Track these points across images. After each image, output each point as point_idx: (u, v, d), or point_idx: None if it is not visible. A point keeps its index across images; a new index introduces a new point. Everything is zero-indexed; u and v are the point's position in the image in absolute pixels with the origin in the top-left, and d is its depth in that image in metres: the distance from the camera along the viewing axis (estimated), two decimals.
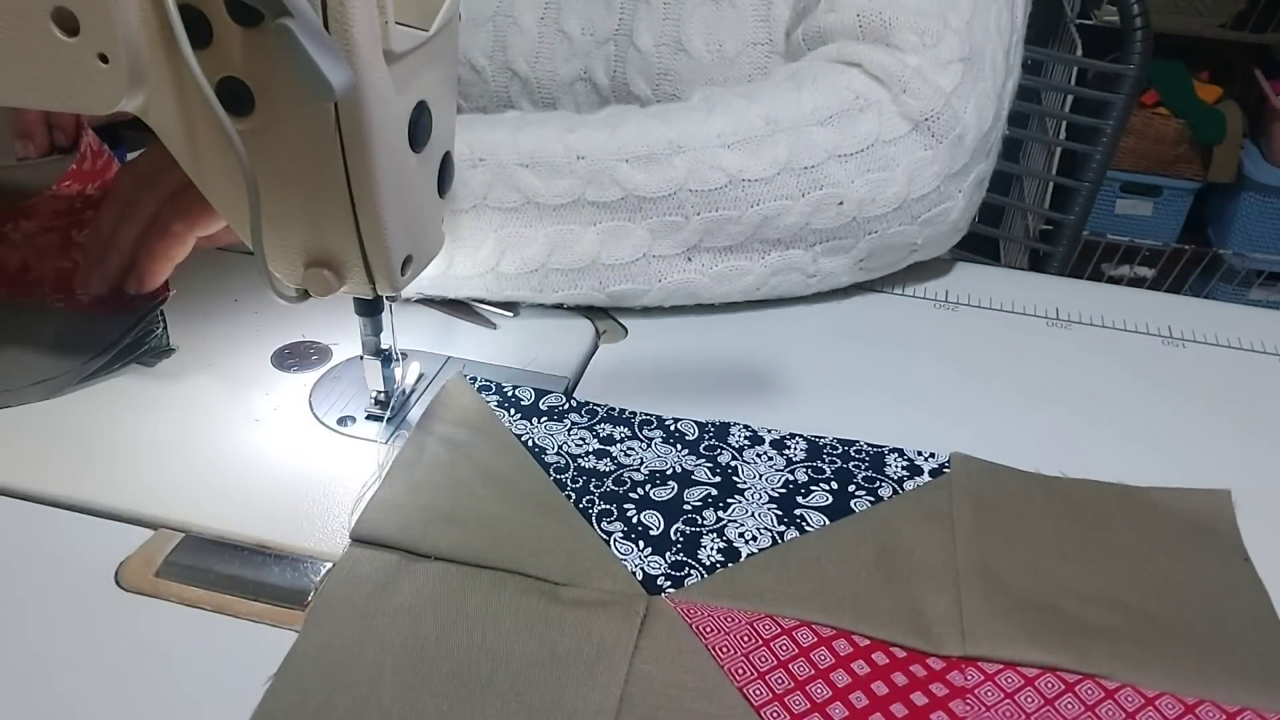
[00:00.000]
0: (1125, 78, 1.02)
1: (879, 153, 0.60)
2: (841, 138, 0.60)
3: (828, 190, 0.60)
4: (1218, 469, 0.55)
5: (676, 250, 0.61)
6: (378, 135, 0.42)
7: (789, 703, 0.41)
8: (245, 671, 0.41)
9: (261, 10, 0.37)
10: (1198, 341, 0.66)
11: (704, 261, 0.62)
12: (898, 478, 0.52)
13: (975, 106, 0.62)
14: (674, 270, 0.62)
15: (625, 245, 0.60)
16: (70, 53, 0.39)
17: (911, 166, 0.61)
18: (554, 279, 0.62)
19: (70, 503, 0.49)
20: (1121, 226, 2.02)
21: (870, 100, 0.60)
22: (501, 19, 0.76)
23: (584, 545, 0.48)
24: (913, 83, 0.60)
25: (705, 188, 0.59)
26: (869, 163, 0.60)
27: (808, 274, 0.64)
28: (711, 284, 0.63)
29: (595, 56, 0.74)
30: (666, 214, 0.60)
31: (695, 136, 0.60)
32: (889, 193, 0.61)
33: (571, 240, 0.60)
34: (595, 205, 0.59)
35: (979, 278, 0.72)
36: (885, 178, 0.61)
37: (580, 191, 0.59)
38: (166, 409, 0.55)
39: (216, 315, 0.62)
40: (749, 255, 0.62)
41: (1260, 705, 0.42)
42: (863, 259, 0.64)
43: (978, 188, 0.66)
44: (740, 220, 0.60)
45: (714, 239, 0.61)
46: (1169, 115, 1.94)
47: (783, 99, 0.61)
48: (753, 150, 0.59)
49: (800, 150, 0.60)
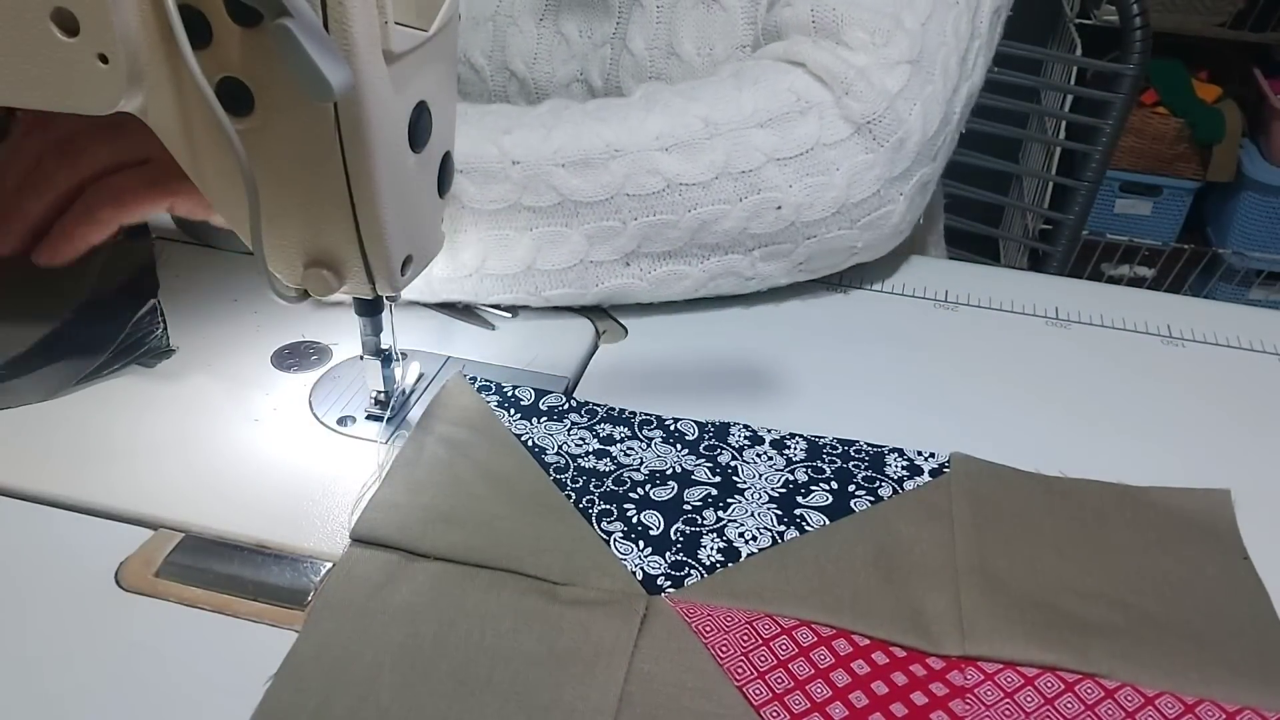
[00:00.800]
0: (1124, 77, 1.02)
1: (819, 156, 0.60)
2: (781, 141, 0.59)
3: (765, 195, 0.59)
4: (1217, 469, 0.55)
5: (614, 256, 0.60)
6: (377, 135, 0.42)
7: (789, 702, 0.41)
8: (245, 671, 0.41)
9: (261, 10, 0.37)
10: (1197, 341, 0.66)
11: (642, 266, 0.61)
12: (897, 477, 0.52)
13: (921, 110, 0.61)
14: (611, 275, 0.61)
15: (561, 251, 0.60)
16: (70, 53, 0.39)
17: (851, 170, 0.60)
18: (489, 283, 0.61)
19: (70, 503, 0.49)
20: (1121, 226, 2.02)
21: (812, 102, 0.60)
22: (501, 19, 0.76)
23: (584, 545, 0.48)
24: (856, 84, 0.59)
25: (642, 192, 0.58)
26: (808, 167, 0.59)
27: (745, 277, 0.64)
28: (650, 288, 0.62)
29: (592, 59, 0.74)
30: (603, 219, 0.59)
31: (633, 138, 0.59)
32: (828, 197, 0.60)
33: (507, 245, 0.59)
34: (531, 210, 0.58)
35: (979, 278, 0.72)
36: (824, 182, 0.60)
37: (515, 197, 0.58)
38: (166, 409, 0.55)
39: (216, 315, 0.62)
40: (687, 260, 0.62)
41: (1260, 704, 0.42)
42: (801, 262, 0.64)
43: (920, 191, 0.65)
44: (678, 225, 0.59)
45: (651, 244, 0.60)
46: (1168, 114, 1.94)
47: (723, 99, 0.60)
48: (690, 154, 0.59)
49: (739, 154, 0.59)
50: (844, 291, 0.69)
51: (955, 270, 0.73)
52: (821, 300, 0.68)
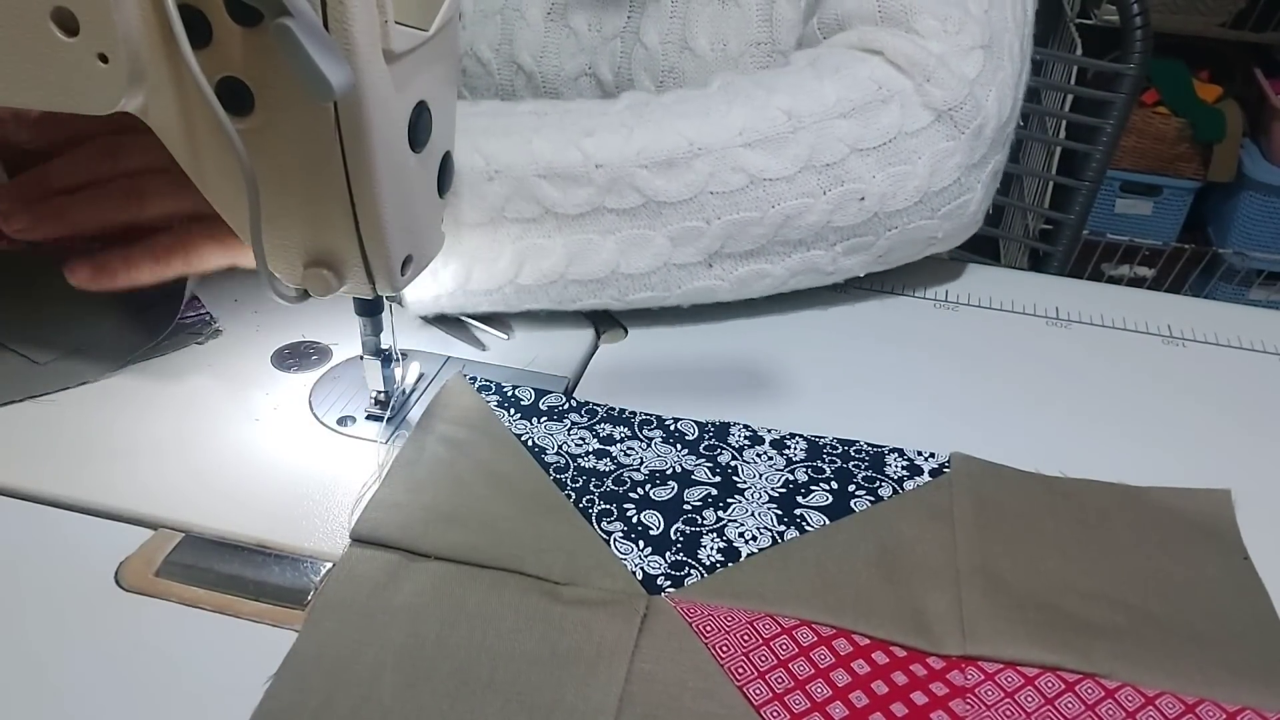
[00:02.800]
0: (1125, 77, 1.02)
1: (901, 145, 0.59)
2: (864, 130, 0.59)
3: (849, 186, 0.59)
4: (1218, 468, 0.55)
5: (697, 258, 0.60)
6: (377, 135, 0.42)
7: (789, 702, 0.41)
8: (245, 671, 0.41)
9: (261, 10, 0.37)
10: (1198, 341, 0.66)
11: (725, 267, 0.61)
12: (898, 477, 0.52)
13: (996, 95, 0.61)
14: (694, 278, 0.61)
15: (645, 254, 0.59)
16: (70, 52, 0.39)
17: (933, 158, 0.60)
18: (573, 290, 0.61)
19: (70, 503, 0.49)
20: (1121, 226, 2.02)
21: (893, 90, 0.59)
22: (510, 12, 0.76)
23: (584, 545, 0.48)
24: (937, 71, 0.59)
25: (726, 189, 0.58)
26: (891, 156, 0.59)
27: (826, 272, 0.64)
28: (732, 288, 0.62)
29: (601, 53, 0.74)
30: (687, 219, 0.58)
31: (716, 135, 0.58)
32: (910, 186, 0.60)
33: (590, 250, 0.59)
34: (615, 213, 0.58)
35: (979, 278, 0.72)
36: (907, 171, 0.60)
37: (599, 200, 0.58)
38: (166, 409, 0.55)
39: (216, 315, 0.62)
40: (770, 259, 0.61)
41: (1260, 704, 0.42)
42: (881, 254, 0.64)
43: (993, 179, 0.65)
44: (762, 221, 0.59)
45: (735, 243, 0.60)
46: (1169, 114, 1.94)
47: (804, 90, 0.60)
48: (774, 148, 0.58)
49: (822, 146, 0.59)
50: (844, 291, 0.69)
51: (955, 270, 0.73)
52: (821, 300, 0.68)
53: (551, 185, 0.57)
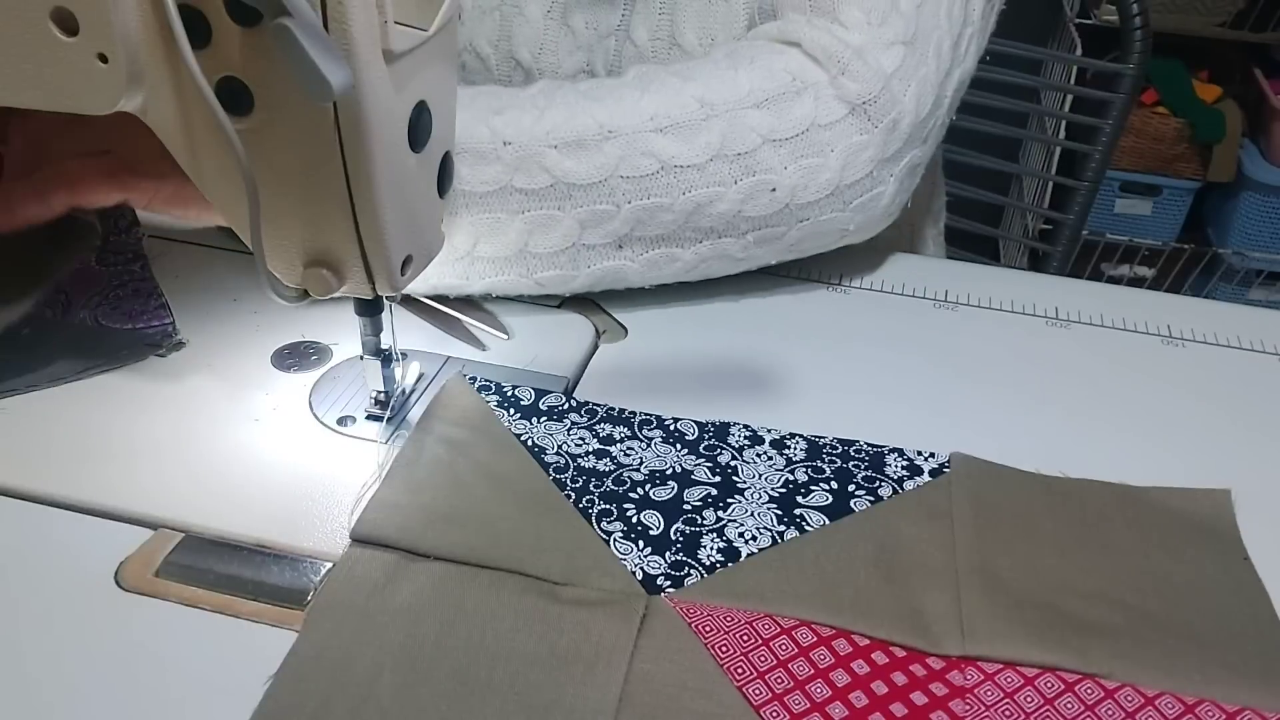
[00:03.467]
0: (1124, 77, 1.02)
1: (814, 137, 0.59)
2: (777, 121, 0.59)
3: (761, 177, 0.59)
4: (1217, 468, 0.55)
5: (607, 240, 0.60)
6: (377, 135, 0.42)
7: (788, 702, 0.41)
8: (245, 671, 0.41)
9: (261, 10, 0.37)
10: (1197, 341, 0.66)
11: (634, 249, 0.61)
12: (897, 477, 0.52)
13: (915, 91, 0.61)
14: (603, 258, 0.61)
15: (554, 235, 0.59)
16: (69, 53, 0.39)
17: (846, 152, 0.60)
18: (480, 266, 0.60)
19: (70, 503, 0.49)
20: (1121, 226, 2.01)
21: (807, 82, 0.59)
22: (509, 8, 0.76)
23: (584, 545, 0.48)
24: (852, 64, 0.59)
25: (637, 174, 0.58)
26: (803, 148, 0.59)
27: (737, 259, 0.63)
28: (642, 270, 0.62)
29: (597, 50, 0.74)
30: (597, 202, 0.58)
31: (627, 119, 0.58)
32: (822, 179, 0.60)
33: (498, 228, 0.59)
34: (523, 193, 0.58)
35: (979, 278, 0.72)
36: (819, 164, 0.60)
37: (507, 179, 0.57)
38: (166, 409, 0.55)
39: (216, 315, 0.62)
40: (680, 244, 0.61)
41: (1260, 705, 0.42)
42: (793, 244, 0.63)
43: (910, 173, 0.65)
44: (672, 208, 0.59)
45: (645, 228, 0.60)
46: (1168, 114, 1.94)
47: (719, 79, 0.60)
48: (686, 135, 0.58)
49: (734, 135, 0.58)
50: (844, 291, 0.69)
51: (955, 270, 0.73)
52: (821, 300, 0.68)
53: (460, 162, 0.57)
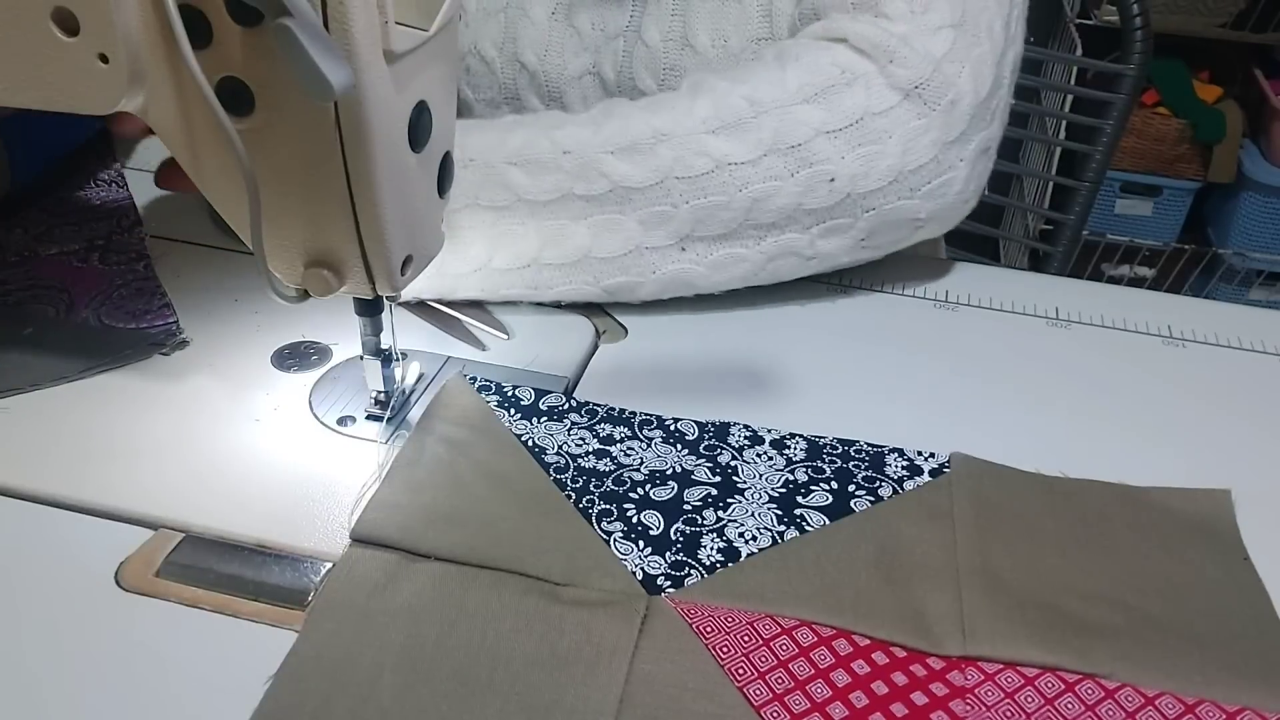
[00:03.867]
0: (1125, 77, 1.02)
1: (869, 126, 0.60)
2: (829, 114, 0.59)
3: (817, 168, 0.59)
4: (1217, 468, 0.55)
5: (669, 240, 0.61)
6: (377, 135, 0.42)
7: (789, 702, 0.41)
8: (245, 671, 0.41)
9: (261, 10, 0.37)
10: (1198, 341, 0.66)
11: (699, 251, 0.62)
12: (898, 478, 0.52)
13: (971, 71, 0.61)
14: (668, 261, 0.62)
15: (616, 238, 0.60)
16: (70, 53, 0.39)
17: (905, 137, 0.60)
18: (547, 274, 0.62)
19: (70, 503, 0.49)
20: (1121, 226, 2.01)
21: (856, 73, 0.60)
22: (513, 11, 0.76)
23: (584, 545, 0.48)
24: (899, 51, 0.59)
25: (692, 174, 0.59)
26: (859, 137, 0.60)
27: (806, 257, 0.63)
28: (708, 273, 0.63)
29: (604, 51, 0.74)
30: (655, 204, 0.60)
31: (680, 124, 0.60)
32: (882, 165, 0.60)
33: (563, 235, 0.60)
34: (584, 199, 0.60)
35: (979, 278, 0.72)
36: (877, 151, 0.60)
37: (568, 186, 0.59)
38: (166, 409, 0.55)
39: (216, 315, 0.62)
40: (744, 242, 0.62)
41: (1260, 705, 0.42)
42: (864, 238, 0.63)
43: (983, 155, 0.65)
44: (730, 205, 0.60)
45: (706, 227, 0.61)
46: (1169, 115, 1.94)
47: (767, 79, 0.61)
48: (737, 134, 0.59)
49: (786, 130, 0.59)
50: (844, 291, 0.69)
51: (955, 270, 0.73)
52: (821, 300, 0.68)
53: (522, 172, 0.59)
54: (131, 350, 0.59)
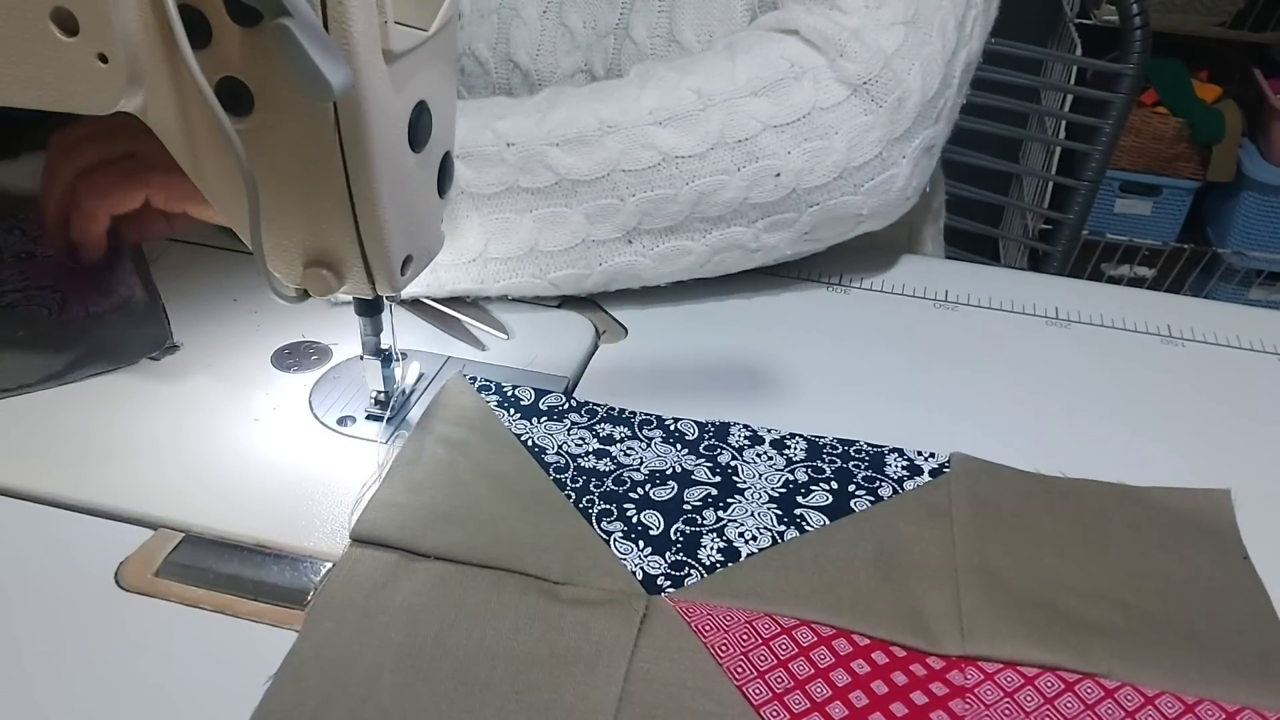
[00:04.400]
0: (1124, 77, 1.02)
1: (816, 121, 0.59)
2: (777, 108, 0.59)
3: (764, 163, 0.59)
4: (1217, 468, 0.55)
5: (616, 234, 0.61)
6: (377, 135, 0.42)
7: (788, 701, 0.41)
8: (245, 671, 0.41)
9: (261, 10, 0.37)
10: (1197, 341, 0.66)
11: (645, 243, 0.61)
12: (898, 477, 0.52)
13: (920, 69, 0.61)
14: (614, 254, 0.61)
15: (563, 231, 0.60)
16: (69, 53, 0.39)
17: (851, 133, 0.60)
18: (493, 268, 0.61)
19: (70, 503, 0.49)
20: (1121, 226, 2.01)
21: (805, 67, 0.60)
22: (506, 11, 0.76)
23: (584, 545, 0.48)
24: (850, 45, 0.59)
25: (638, 167, 0.59)
26: (806, 132, 0.59)
27: (750, 249, 0.63)
28: (654, 265, 0.62)
29: (595, 50, 0.74)
30: (601, 197, 0.59)
31: (626, 114, 0.59)
32: (828, 161, 0.60)
33: (508, 229, 0.60)
34: (529, 192, 0.59)
35: (979, 278, 0.72)
36: (823, 146, 0.60)
37: (513, 179, 0.59)
38: (166, 408, 0.55)
39: (216, 315, 0.62)
40: (690, 235, 0.62)
41: (1260, 704, 0.42)
42: (806, 232, 0.63)
43: (925, 154, 0.64)
44: (677, 199, 0.59)
45: (652, 220, 0.60)
46: (1168, 114, 1.94)
47: (716, 70, 0.60)
48: (685, 126, 0.59)
49: (734, 124, 0.59)
50: (844, 291, 0.69)
51: (955, 270, 0.73)
52: (821, 300, 0.68)
53: (465, 165, 0.58)
54: (121, 355, 0.58)
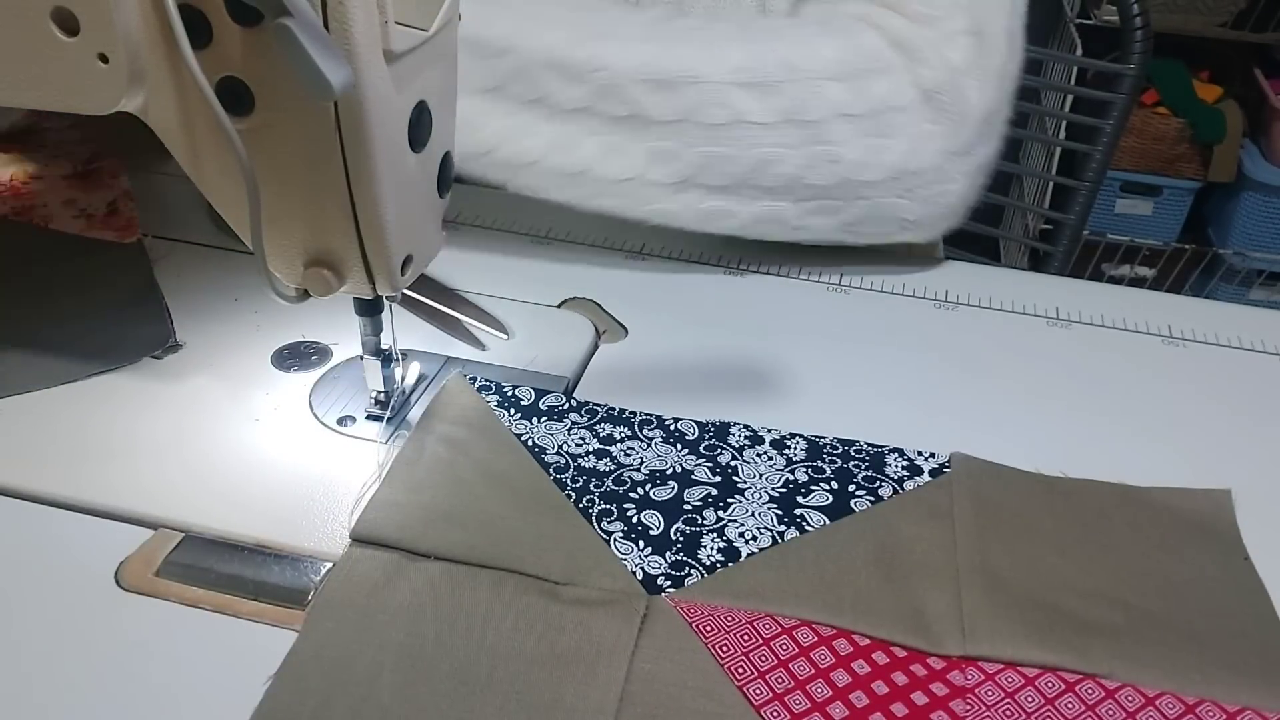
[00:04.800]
0: (1125, 77, 1.02)
1: (884, 119, 0.61)
2: (853, 97, 0.60)
3: (826, 147, 0.60)
4: (1218, 468, 0.55)
5: (670, 179, 0.62)
6: (378, 135, 0.42)
7: (789, 702, 0.41)
8: (245, 671, 0.41)
9: (261, 10, 0.37)
10: (1198, 341, 0.66)
11: (693, 196, 0.62)
12: (898, 477, 0.52)
13: (980, 85, 0.62)
14: (663, 198, 0.62)
15: (620, 162, 0.61)
16: (70, 53, 0.39)
17: (914, 139, 0.61)
18: (548, 178, 0.63)
19: (70, 502, 0.49)
20: (1121, 226, 2.01)
21: (888, 64, 0.61)
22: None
23: (584, 545, 0.48)
24: (926, 53, 0.60)
25: (709, 122, 0.60)
26: (873, 127, 0.60)
27: (791, 226, 0.64)
28: (697, 220, 0.63)
29: None
30: (666, 138, 0.60)
31: (713, 67, 0.60)
32: (885, 160, 0.61)
33: (570, 145, 0.61)
34: (600, 118, 0.60)
35: (979, 277, 0.72)
36: (885, 144, 0.61)
37: (590, 102, 0.60)
38: (166, 408, 0.55)
39: (216, 315, 0.62)
40: (739, 198, 0.62)
41: (1260, 704, 0.42)
42: (850, 223, 0.64)
43: (978, 172, 0.65)
44: (735, 160, 0.61)
45: (707, 175, 0.61)
46: (1169, 114, 1.94)
47: (806, 44, 0.61)
48: (762, 93, 0.60)
49: (808, 102, 0.60)
50: (844, 291, 0.69)
51: (955, 270, 0.72)
52: (821, 300, 0.68)
53: (553, 76, 0.60)
54: (123, 354, 0.58)
